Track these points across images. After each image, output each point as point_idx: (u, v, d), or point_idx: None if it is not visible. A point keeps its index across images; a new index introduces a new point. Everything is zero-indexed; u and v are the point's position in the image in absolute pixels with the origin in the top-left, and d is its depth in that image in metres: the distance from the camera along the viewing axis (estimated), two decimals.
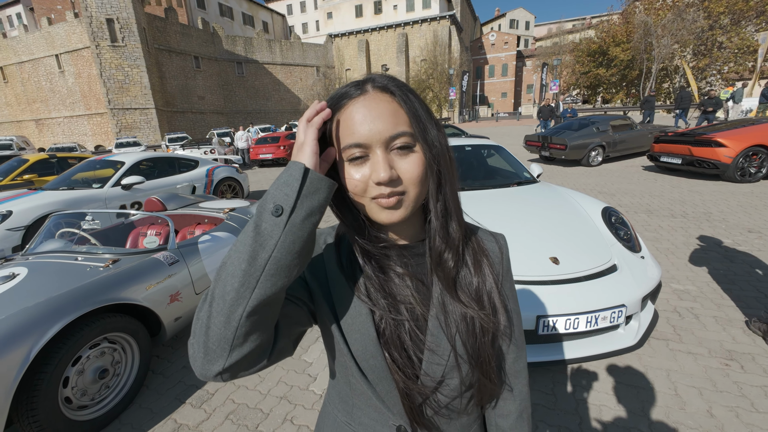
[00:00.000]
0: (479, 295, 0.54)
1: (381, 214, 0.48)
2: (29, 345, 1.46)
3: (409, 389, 0.51)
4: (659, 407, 1.71)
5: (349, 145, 0.46)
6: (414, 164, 0.47)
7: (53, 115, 29.14)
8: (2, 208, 3.81)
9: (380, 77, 0.49)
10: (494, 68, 45.96)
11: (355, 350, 0.52)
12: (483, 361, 0.53)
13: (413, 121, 0.47)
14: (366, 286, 0.52)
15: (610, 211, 2.53)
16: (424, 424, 0.54)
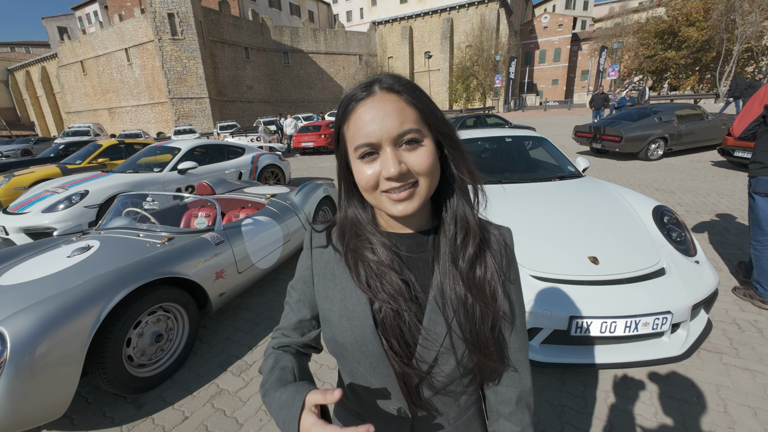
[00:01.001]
0: (481, 283, 0.55)
1: (394, 208, 0.50)
2: (101, 307, 1.69)
3: (405, 373, 0.54)
4: (704, 424, 1.59)
5: (360, 144, 0.49)
6: (423, 156, 0.49)
7: (123, 104, 32.15)
8: (81, 187, 4.34)
9: (386, 78, 0.51)
10: (545, 53, 43.05)
11: (355, 337, 0.55)
12: (482, 345, 0.55)
13: (421, 118, 0.50)
14: (366, 276, 0.55)
15: (663, 210, 2.33)
16: (422, 405, 0.56)
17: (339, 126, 0.53)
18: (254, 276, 2.75)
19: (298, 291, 0.64)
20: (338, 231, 0.61)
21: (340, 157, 0.56)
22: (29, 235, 3.87)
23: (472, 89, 34.64)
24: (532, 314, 1.78)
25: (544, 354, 1.82)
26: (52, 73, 40.11)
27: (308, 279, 0.62)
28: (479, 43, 32.67)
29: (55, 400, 1.56)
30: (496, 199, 2.64)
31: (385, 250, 0.56)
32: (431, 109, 0.51)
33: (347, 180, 0.57)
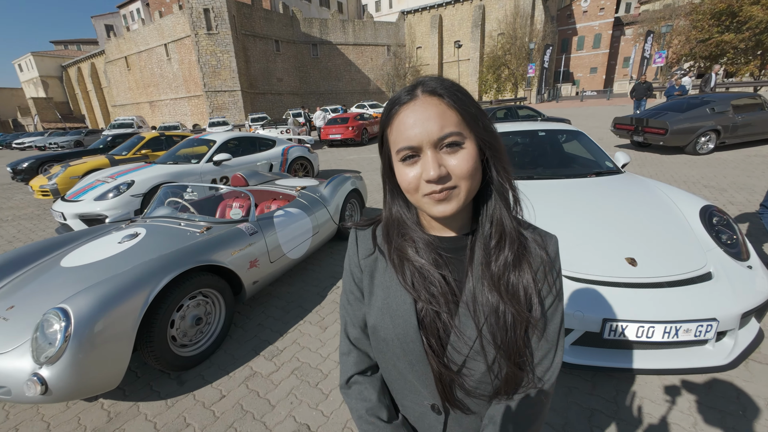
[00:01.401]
0: (515, 290, 0.54)
1: (434, 209, 0.51)
2: (149, 290, 1.83)
3: (441, 372, 0.55)
4: None
5: (402, 147, 0.50)
6: (463, 160, 0.49)
7: (162, 97, 33.86)
8: (128, 177, 4.65)
9: (430, 80, 0.52)
10: (584, 39, 40.62)
11: (398, 334, 0.57)
12: (513, 352, 0.54)
13: (463, 121, 0.50)
14: (411, 276, 0.57)
15: (712, 210, 2.18)
16: (455, 404, 0.58)
17: (383, 129, 0.55)
18: (285, 266, 2.86)
19: (353, 290, 0.66)
20: (383, 230, 0.62)
21: (384, 158, 0.57)
22: (83, 220, 4.21)
23: (503, 79, 33.41)
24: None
25: (574, 356, 1.78)
26: (100, 68, 42.83)
27: (358, 276, 0.64)
28: (512, 30, 31.34)
29: (111, 373, 1.72)
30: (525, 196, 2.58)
31: (429, 250, 0.57)
32: (473, 113, 0.51)
33: (391, 180, 0.58)
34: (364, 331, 0.66)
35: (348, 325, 0.67)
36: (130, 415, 1.83)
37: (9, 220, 5.86)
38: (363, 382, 0.65)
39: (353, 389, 0.66)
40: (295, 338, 2.40)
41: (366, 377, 0.66)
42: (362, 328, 0.66)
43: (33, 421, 1.84)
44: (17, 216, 6.09)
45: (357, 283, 0.65)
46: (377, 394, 0.64)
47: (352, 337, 0.67)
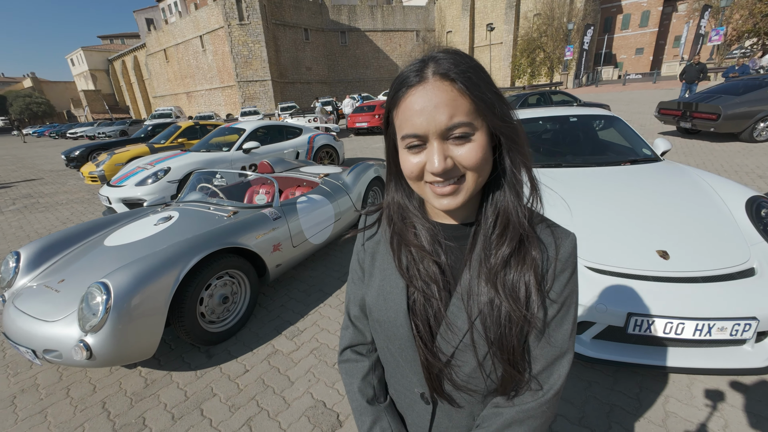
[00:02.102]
0: (514, 286, 0.51)
1: (437, 202, 0.49)
2: (180, 268, 1.95)
3: (428, 360, 0.53)
4: None
5: (407, 134, 0.47)
6: (471, 152, 0.46)
7: (198, 88, 35.24)
8: (165, 165, 4.93)
9: (443, 58, 0.46)
10: (630, 17, 37.54)
11: (389, 317, 0.57)
12: (507, 350, 0.51)
13: (475, 109, 0.45)
14: (407, 261, 0.56)
15: (761, 201, 1.99)
16: (443, 396, 0.56)
17: (389, 109, 0.51)
18: (307, 250, 2.95)
19: (357, 269, 0.67)
20: (386, 213, 0.62)
21: (388, 140, 0.54)
22: (125, 204, 4.53)
23: (537, 63, 31.75)
24: (584, 307, 1.68)
25: (595, 349, 1.71)
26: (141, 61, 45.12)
27: (362, 256, 0.65)
28: (549, 10, 29.54)
29: (146, 344, 1.87)
30: (553, 184, 2.47)
31: (429, 237, 0.55)
32: (488, 100, 0.46)
33: (396, 164, 0.55)
34: (363, 310, 0.66)
35: (350, 302, 0.69)
36: (164, 383, 2.00)
37: (63, 203, 6.41)
38: (353, 360, 0.68)
39: (344, 365, 0.69)
40: (315, 320, 2.48)
41: (357, 354, 0.68)
42: (362, 307, 0.67)
43: (82, 383, 2.04)
44: (70, 200, 6.65)
45: (360, 264, 0.66)
46: (364, 373, 0.66)
47: (351, 314, 0.69)
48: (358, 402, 0.65)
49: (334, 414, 1.72)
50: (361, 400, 0.64)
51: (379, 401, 0.65)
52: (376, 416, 0.62)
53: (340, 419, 1.69)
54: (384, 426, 0.62)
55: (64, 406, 1.88)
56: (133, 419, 1.77)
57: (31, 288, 2.11)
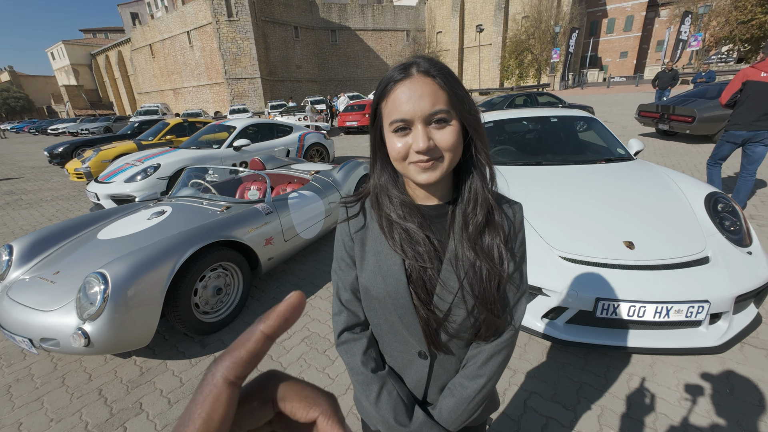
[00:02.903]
0: (489, 248, 0.63)
1: (419, 176, 0.59)
2: (175, 260, 2.02)
3: (428, 320, 0.64)
4: (730, 413, 1.56)
5: (395, 120, 0.57)
6: (449, 135, 0.57)
7: (185, 84, 34.63)
8: (154, 161, 4.93)
9: (423, 61, 0.57)
10: (615, 22, 38.55)
11: (389, 292, 0.66)
12: (488, 301, 0.63)
13: (451, 101, 0.57)
14: (400, 240, 0.65)
15: (718, 197, 2.17)
16: (440, 348, 0.68)
17: (377, 102, 0.60)
18: (298, 245, 3.03)
19: (344, 257, 0.72)
20: (372, 198, 0.69)
21: (375, 131, 0.63)
22: (114, 200, 4.52)
23: (525, 65, 32.29)
24: (558, 294, 1.82)
25: (569, 333, 1.86)
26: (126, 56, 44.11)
27: (349, 245, 0.71)
28: (537, 13, 30.08)
29: (142, 333, 1.93)
30: (532, 179, 2.62)
31: (414, 216, 0.64)
32: (460, 95, 0.58)
33: (382, 151, 0.65)
34: (354, 294, 0.73)
35: (340, 288, 0.75)
36: (159, 371, 2.06)
37: (48, 200, 6.32)
38: (352, 340, 0.74)
39: (343, 346, 0.74)
40: (306, 311, 2.57)
41: (355, 334, 0.74)
42: (352, 291, 0.73)
43: (77, 372, 2.09)
44: (55, 197, 6.55)
45: (348, 252, 0.71)
46: (364, 349, 0.73)
47: (343, 299, 0.74)
48: (364, 374, 0.69)
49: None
50: (366, 372, 0.70)
51: (381, 369, 0.72)
52: (381, 383, 0.70)
53: None
54: (390, 389, 0.70)
55: (60, 394, 1.93)
56: (129, 404, 1.84)
57: (24, 280, 2.15)
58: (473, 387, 0.67)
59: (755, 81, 3.35)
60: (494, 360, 0.68)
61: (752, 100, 3.37)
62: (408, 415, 0.68)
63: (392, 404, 0.68)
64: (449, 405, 0.69)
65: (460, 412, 0.68)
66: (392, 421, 0.67)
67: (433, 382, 0.71)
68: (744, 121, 3.45)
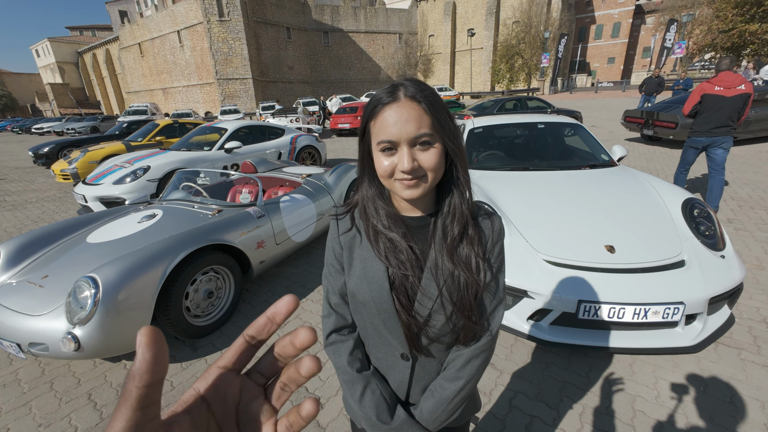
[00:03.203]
0: (467, 259, 0.68)
1: (404, 192, 0.63)
2: (166, 264, 2.03)
3: (409, 324, 0.69)
4: (704, 410, 1.64)
5: (383, 140, 0.61)
6: (432, 157, 0.61)
7: (175, 84, 34.22)
8: (144, 163, 4.89)
9: (410, 85, 0.61)
10: (602, 28, 39.36)
11: (373, 297, 0.70)
12: (465, 308, 0.67)
13: (435, 124, 0.61)
14: (384, 249, 0.70)
15: (694, 203, 2.27)
16: (421, 350, 0.72)
17: (366, 122, 0.65)
18: (290, 248, 3.05)
19: (334, 263, 0.76)
20: (360, 210, 0.73)
21: (363, 147, 0.68)
22: (103, 203, 4.47)
23: (516, 69, 32.77)
24: (542, 296, 1.88)
25: (553, 334, 1.92)
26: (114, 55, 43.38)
27: (339, 251, 0.75)
28: (527, 19, 30.58)
29: (133, 337, 1.93)
30: (518, 184, 2.70)
31: (398, 226, 0.69)
32: (443, 120, 0.62)
33: (369, 166, 0.69)
34: (342, 298, 0.78)
35: (329, 293, 0.79)
36: None
37: (33, 201, 6.20)
38: (339, 341, 0.78)
39: (331, 347, 0.78)
40: (298, 314, 2.60)
41: (342, 336, 0.78)
42: (341, 296, 0.78)
43: (66, 377, 2.08)
44: (40, 198, 6.43)
45: (337, 258, 0.75)
46: (350, 350, 0.77)
47: (332, 302, 0.79)
48: (349, 374, 0.73)
49: (317, 397, 1.85)
50: (351, 371, 0.74)
51: (366, 370, 0.76)
52: (365, 382, 0.74)
53: (322, 402, 1.82)
54: (373, 388, 0.74)
55: (49, 399, 1.92)
56: None
57: (12, 284, 2.13)
58: (452, 388, 0.72)
59: (711, 94, 3.73)
60: (472, 363, 0.71)
61: (709, 111, 3.76)
62: (390, 414, 0.72)
63: (375, 403, 0.72)
64: (430, 405, 0.73)
65: (439, 412, 0.72)
66: (374, 418, 0.71)
67: (415, 383, 0.76)
68: (703, 129, 3.83)
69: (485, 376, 1.91)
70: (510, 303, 2.02)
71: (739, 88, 3.63)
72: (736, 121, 3.72)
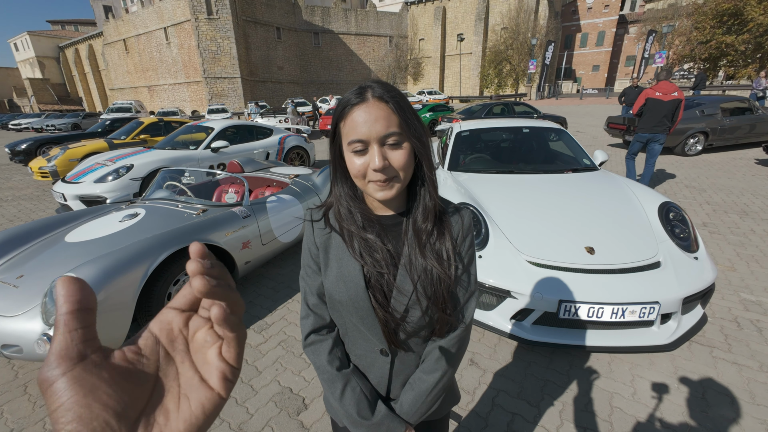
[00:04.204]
0: (439, 254, 0.69)
1: (377, 193, 0.65)
2: (148, 264, 1.99)
3: (386, 320, 0.70)
4: (677, 406, 1.70)
5: (353, 140, 0.62)
6: (402, 156, 0.63)
7: (161, 82, 33.53)
8: (127, 161, 4.78)
9: (377, 86, 0.63)
10: (587, 36, 40.44)
11: (350, 296, 0.71)
12: (439, 301, 0.69)
13: (402, 124, 0.63)
14: (359, 248, 0.71)
15: (670, 206, 2.35)
16: (399, 345, 0.74)
17: (336, 123, 0.66)
18: (276, 248, 3.03)
19: (311, 264, 0.77)
20: (335, 210, 0.74)
21: (334, 148, 0.68)
22: (83, 201, 4.35)
23: (504, 75, 33.32)
24: (525, 296, 1.92)
25: (535, 334, 1.97)
26: (97, 50, 42.25)
27: (315, 252, 0.75)
28: (515, 25, 31.16)
29: (114, 337, 1.89)
30: (503, 187, 2.75)
31: (372, 226, 0.70)
32: (409, 120, 0.64)
33: (341, 167, 0.70)
34: (320, 298, 0.78)
35: (307, 293, 0.79)
36: None
37: (9, 200, 5.98)
38: (318, 342, 0.78)
39: (310, 347, 0.79)
40: (284, 314, 2.58)
41: (321, 336, 0.79)
42: (318, 296, 0.78)
43: None
44: (17, 196, 6.21)
45: (314, 259, 0.76)
46: (329, 349, 0.77)
47: (310, 303, 0.79)
48: (329, 373, 0.74)
49: (300, 398, 1.84)
50: (331, 370, 0.75)
51: (345, 368, 0.77)
52: (345, 380, 0.75)
53: (306, 402, 1.81)
54: (353, 385, 0.74)
55: (23, 403, 1.86)
56: None
57: None
58: (431, 380, 0.73)
59: (652, 98, 4.55)
60: (449, 354, 0.74)
61: (650, 112, 4.61)
62: (371, 410, 0.73)
63: (355, 400, 0.73)
64: (409, 398, 0.74)
65: (419, 405, 0.74)
66: (355, 415, 0.72)
67: (395, 377, 0.77)
68: (646, 127, 4.69)
69: (469, 375, 1.94)
70: (494, 303, 2.06)
71: (673, 95, 4.44)
72: (671, 121, 4.54)
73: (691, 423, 1.61)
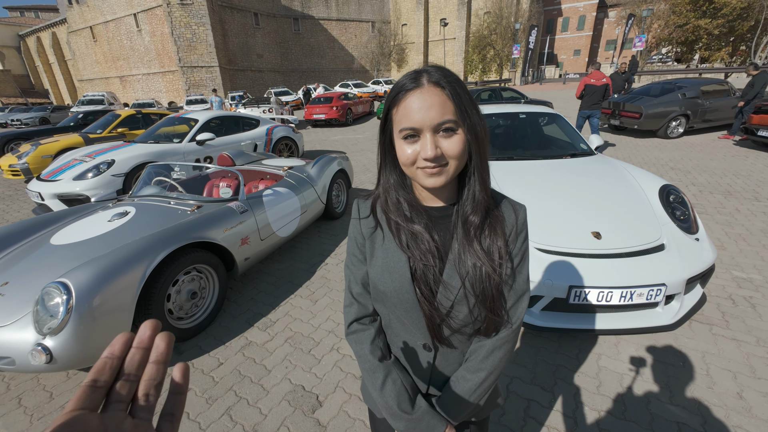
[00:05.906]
0: (490, 250, 0.66)
1: (426, 181, 0.61)
2: (146, 265, 1.89)
3: (431, 314, 0.68)
4: (685, 383, 1.75)
5: (405, 128, 0.59)
6: (455, 144, 0.59)
7: (133, 72, 31.96)
8: (107, 157, 4.54)
9: (434, 71, 0.59)
10: (569, 21, 40.57)
11: (395, 287, 0.69)
12: (487, 299, 0.66)
13: (458, 111, 0.59)
14: (406, 239, 0.68)
15: (669, 189, 2.39)
16: (443, 341, 0.71)
17: (389, 108, 0.62)
18: (275, 243, 2.95)
19: (356, 253, 0.76)
20: (382, 199, 0.72)
21: (384, 134, 0.66)
22: (63, 201, 4.12)
23: (488, 60, 33.23)
24: (534, 283, 1.92)
25: (544, 319, 1.98)
26: (62, 39, 39.78)
27: (361, 241, 0.74)
28: (498, 9, 30.95)
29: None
30: (506, 174, 2.73)
31: (420, 217, 0.68)
32: (467, 106, 0.59)
33: (391, 154, 0.67)
34: (364, 287, 0.77)
35: (351, 282, 0.78)
36: None
37: None
38: (361, 330, 0.77)
39: (353, 336, 0.77)
40: (287, 311, 2.53)
41: (363, 325, 0.78)
42: (363, 285, 0.77)
43: (35, 391, 1.91)
44: None
45: (359, 248, 0.75)
46: (371, 339, 0.76)
47: (354, 292, 0.78)
48: (371, 362, 0.73)
49: (314, 395, 1.81)
50: (373, 360, 0.73)
51: (387, 359, 0.75)
52: (387, 371, 0.73)
53: (320, 399, 1.78)
54: (394, 377, 0.72)
55: (18, 416, 1.76)
56: None
57: None
58: (475, 380, 0.71)
59: (589, 84, 6.44)
60: (495, 355, 0.70)
61: (588, 95, 6.50)
62: (411, 404, 0.71)
63: (396, 392, 0.70)
64: (452, 396, 0.72)
65: (461, 404, 0.71)
66: (395, 407, 0.69)
67: (436, 373, 0.75)
68: (586, 105, 6.58)
69: None
70: None
71: (602, 80, 6.34)
72: (602, 100, 6.41)
73: (700, 400, 1.66)
